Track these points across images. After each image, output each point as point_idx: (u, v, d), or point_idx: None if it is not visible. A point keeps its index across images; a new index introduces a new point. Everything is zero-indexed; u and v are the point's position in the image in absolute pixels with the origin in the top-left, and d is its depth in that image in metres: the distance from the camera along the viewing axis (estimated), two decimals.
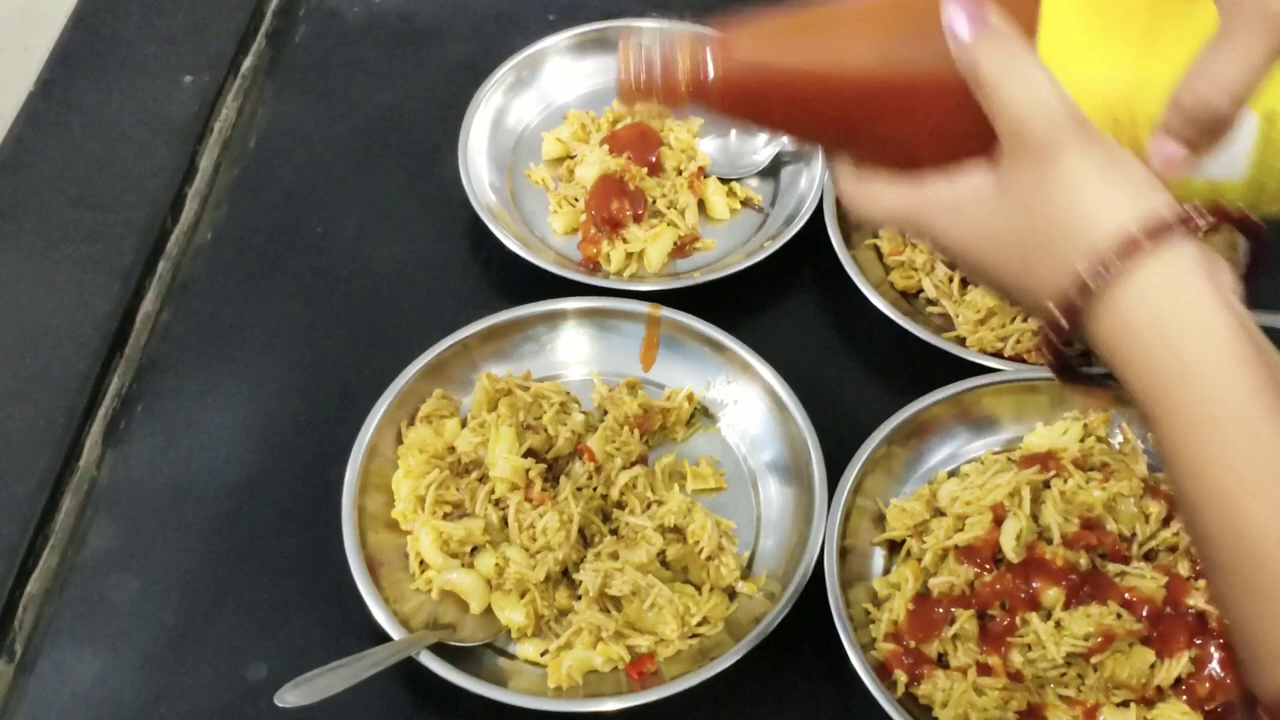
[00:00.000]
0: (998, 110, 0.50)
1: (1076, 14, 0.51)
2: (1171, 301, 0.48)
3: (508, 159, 1.03)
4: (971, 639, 0.76)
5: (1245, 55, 0.48)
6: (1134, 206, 0.48)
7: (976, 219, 0.52)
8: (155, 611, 0.81)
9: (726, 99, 0.55)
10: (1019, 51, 0.50)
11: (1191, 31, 0.49)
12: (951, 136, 0.52)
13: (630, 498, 0.82)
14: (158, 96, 1.04)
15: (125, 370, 0.91)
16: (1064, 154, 0.49)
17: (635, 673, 0.77)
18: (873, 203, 0.55)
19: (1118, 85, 0.50)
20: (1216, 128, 0.49)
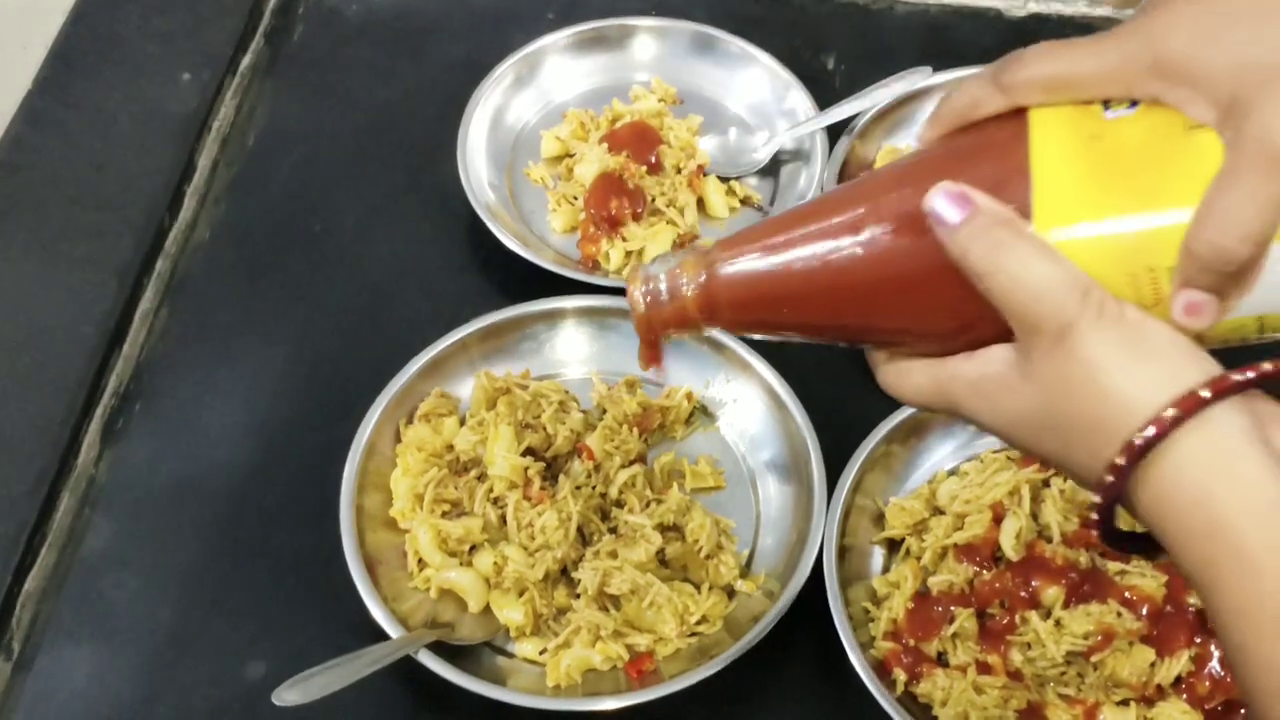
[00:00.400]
0: (995, 297, 0.48)
1: (1070, 173, 0.49)
2: (1208, 476, 0.45)
3: (507, 157, 1.03)
4: (971, 637, 0.76)
5: (1253, 195, 0.45)
6: (1162, 383, 0.46)
7: (1004, 401, 0.50)
8: (153, 610, 0.81)
9: (738, 311, 0.54)
10: (1008, 232, 0.48)
11: (1197, 169, 0.46)
12: (963, 323, 0.50)
13: (629, 496, 0.82)
14: (156, 95, 1.04)
15: (123, 368, 0.91)
16: (1078, 338, 0.47)
17: (634, 671, 0.77)
18: (903, 384, 0.54)
19: (1127, 240, 0.47)
20: (1237, 271, 0.46)
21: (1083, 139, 0.49)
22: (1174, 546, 0.47)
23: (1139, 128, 0.49)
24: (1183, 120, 0.48)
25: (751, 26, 1.08)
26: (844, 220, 0.52)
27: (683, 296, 0.54)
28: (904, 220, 0.50)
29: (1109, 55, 0.49)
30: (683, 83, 1.06)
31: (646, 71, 1.07)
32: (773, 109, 1.05)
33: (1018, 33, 1.12)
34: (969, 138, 0.52)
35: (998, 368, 0.50)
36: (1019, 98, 0.51)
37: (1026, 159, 0.49)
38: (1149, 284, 0.48)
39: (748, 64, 1.06)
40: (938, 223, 0.49)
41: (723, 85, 1.07)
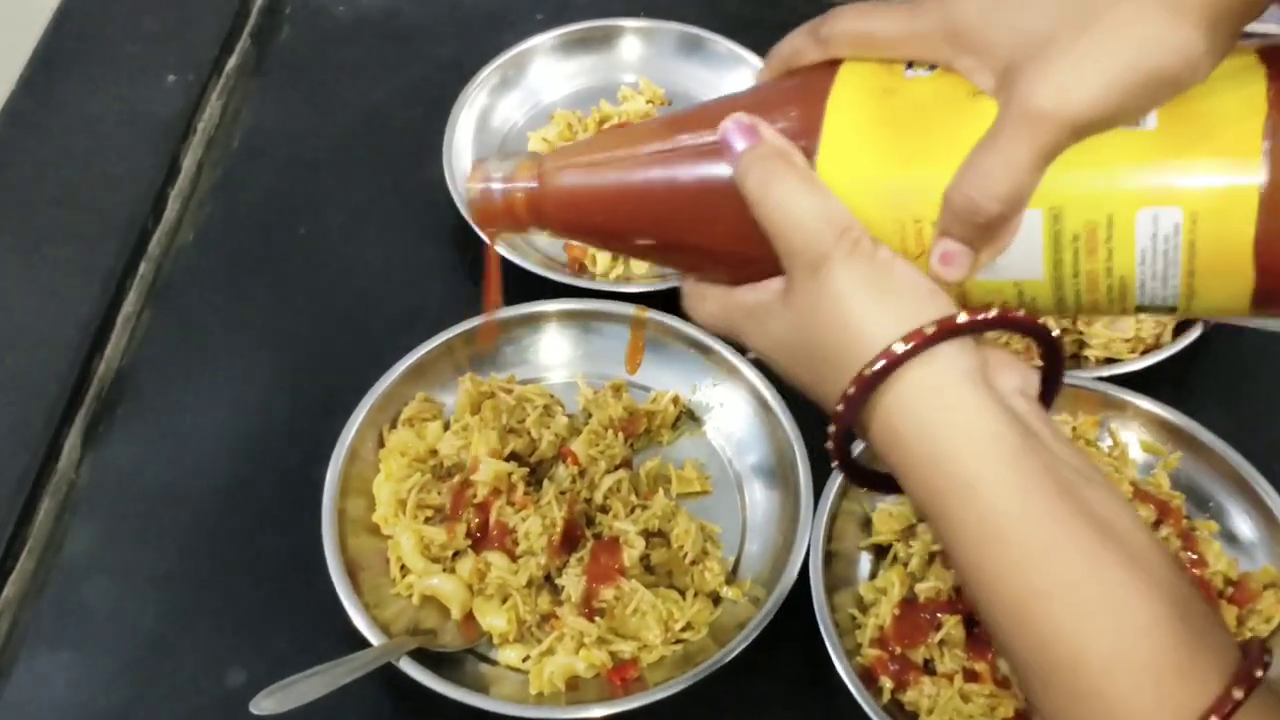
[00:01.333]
0: (764, 224, 0.51)
1: (858, 124, 0.51)
2: (931, 408, 0.48)
3: None
4: (958, 644, 0.76)
5: (1010, 156, 0.47)
6: (897, 320, 0.48)
7: (771, 327, 0.53)
8: (134, 616, 0.80)
9: (560, 216, 0.57)
10: (782, 164, 0.51)
11: (970, 132, 0.48)
12: (749, 253, 0.53)
13: (614, 502, 0.81)
14: (141, 96, 1.03)
15: (105, 372, 0.90)
16: (829, 269, 0.49)
17: (618, 679, 0.76)
18: (698, 307, 0.57)
19: (898, 193, 0.50)
20: (991, 226, 0.48)
21: (877, 93, 0.52)
22: (903, 477, 0.50)
23: (929, 89, 0.51)
24: (968, 87, 0.50)
25: (740, 27, 1.08)
26: (660, 145, 0.55)
27: (514, 196, 0.57)
28: (708, 149, 0.53)
29: (912, 20, 0.52)
30: (670, 84, 1.06)
31: (634, 73, 1.07)
32: None
33: None
34: (784, 82, 0.55)
35: (768, 296, 0.53)
36: (832, 50, 0.53)
37: (824, 104, 0.52)
38: (914, 235, 0.50)
39: (736, 65, 1.05)
40: (725, 149, 0.52)
41: (711, 86, 1.06)
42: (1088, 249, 0.48)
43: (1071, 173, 0.47)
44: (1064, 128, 0.46)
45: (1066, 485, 0.47)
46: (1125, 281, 0.49)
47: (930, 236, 0.50)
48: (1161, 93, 0.46)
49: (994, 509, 0.47)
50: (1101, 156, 0.47)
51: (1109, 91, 0.46)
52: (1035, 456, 0.47)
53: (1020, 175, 0.47)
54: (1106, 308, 0.51)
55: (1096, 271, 0.49)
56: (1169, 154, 0.47)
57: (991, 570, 0.47)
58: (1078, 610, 0.45)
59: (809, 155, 0.51)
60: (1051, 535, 0.46)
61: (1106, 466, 0.82)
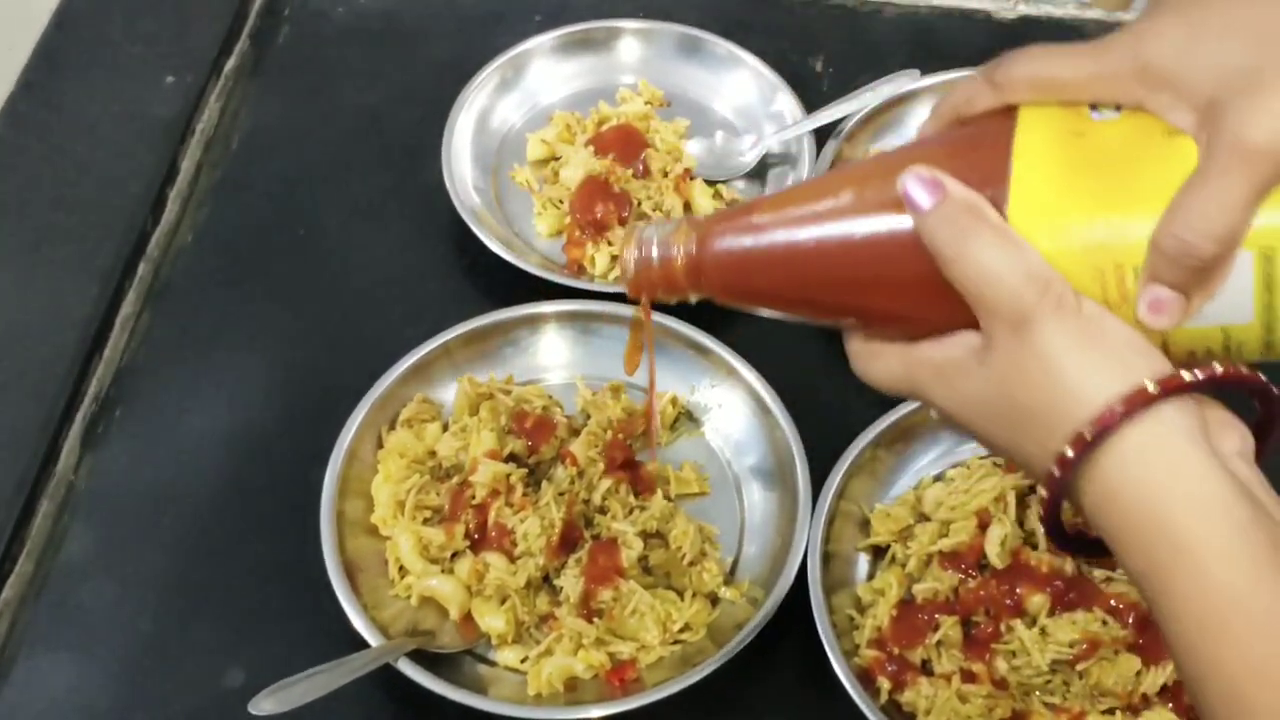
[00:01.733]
0: (960, 283, 0.49)
1: (1049, 170, 0.50)
2: (1154, 472, 0.46)
3: (492, 160, 1.02)
4: (956, 645, 0.76)
5: (1224, 194, 0.46)
6: (1113, 377, 0.47)
7: (963, 385, 0.51)
8: (132, 618, 0.81)
9: (723, 282, 0.56)
10: (976, 219, 0.49)
11: (1171, 172, 0.47)
12: (936, 308, 0.51)
13: (612, 503, 0.81)
14: (140, 97, 1.03)
15: (104, 373, 0.90)
16: (1035, 327, 0.47)
17: (616, 679, 0.76)
18: (872, 366, 0.55)
19: (1096, 239, 0.48)
20: (1203, 270, 0.47)
21: (1065, 136, 0.50)
22: (1118, 545, 0.47)
23: (1120, 130, 0.50)
24: (1163, 126, 0.49)
25: (739, 29, 1.07)
26: (830, 203, 0.53)
27: (672, 262, 0.56)
28: (886, 205, 0.52)
29: (1098, 59, 0.50)
30: (669, 85, 1.06)
31: (633, 74, 1.07)
32: (760, 112, 1.04)
33: (1007, 35, 1.12)
34: (960, 130, 0.54)
35: (960, 353, 0.51)
36: (1010, 95, 0.52)
37: (1009, 151, 0.50)
38: (1115, 282, 0.48)
39: (735, 66, 1.05)
40: (910, 205, 0.50)
41: (710, 88, 1.06)
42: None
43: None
44: (1278, 162, 0.45)
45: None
46: None
47: (1132, 284, 0.48)
48: None
49: (1222, 583, 0.44)
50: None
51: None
52: (1263, 530, 0.45)
53: (1235, 213, 0.46)
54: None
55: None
56: None
57: (1213, 650, 0.44)
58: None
59: (997, 206, 0.49)
60: (1276, 614, 0.44)
61: None
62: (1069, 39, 1.11)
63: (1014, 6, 1.13)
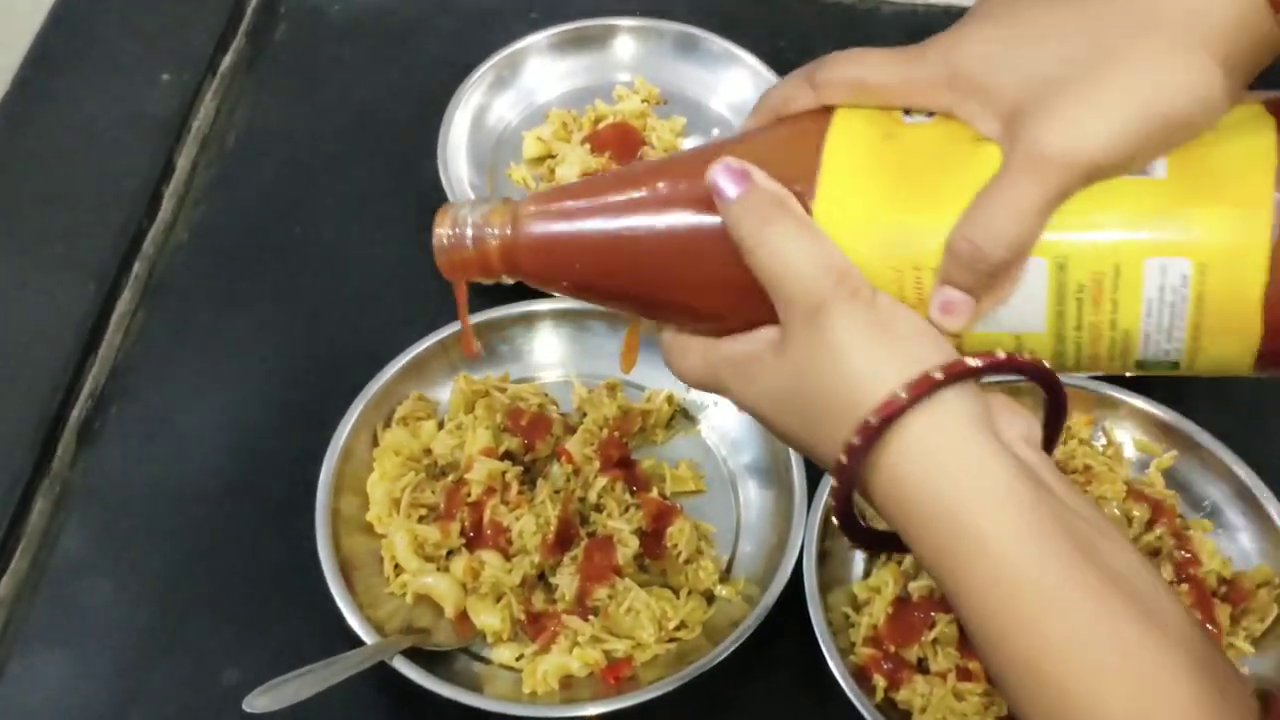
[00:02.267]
0: (760, 273, 0.49)
1: (855, 171, 0.50)
2: (937, 458, 0.46)
3: (488, 158, 1.02)
4: (951, 643, 0.76)
5: (1016, 201, 0.46)
6: (902, 366, 0.47)
7: (761, 378, 0.51)
8: (128, 615, 0.80)
9: (536, 267, 0.55)
10: (776, 210, 0.49)
11: (974, 178, 0.47)
12: (738, 302, 0.51)
13: (608, 500, 0.81)
14: (135, 95, 1.03)
15: (100, 371, 0.90)
16: (827, 316, 0.48)
17: (612, 677, 0.76)
18: (680, 359, 0.55)
19: (897, 240, 0.49)
20: (994, 274, 0.47)
21: (876, 138, 0.51)
22: (908, 533, 0.48)
23: (930, 135, 0.50)
24: (971, 133, 0.49)
25: (736, 26, 1.07)
26: (642, 193, 0.53)
27: (487, 244, 0.54)
28: (695, 198, 0.51)
29: (911, 65, 0.51)
30: (666, 83, 1.06)
31: (629, 72, 1.07)
32: None
33: None
34: (775, 127, 0.54)
35: (758, 347, 0.51)
36: (826, 96, 0.52)
37: (820, 149, 0.51)
38: (913, 282, 0.49)
39: (732, 64, 1.05)
40: (716, 194, 0.50)
41: (706, 86, 1.06)
42: (1092, 300, 0.47)
43: (1078, 221, 0.46)
44: (1073, 171, 0.45)
45: (1079, 539, 0.45)
46: (1129, 335, 0.48)
47: (930, 285, 0.49)
48: (1175, 136, 0.46)
49: (1006, 564, 0.45)
50: (1109, 205, 0.46)
51: (1122, 134, 0.45)
52: (1047, 509, 0.45)
53: (1027, 220, 0.46)
54: (1106, 363, 0.49)
55: (1100, 324, 0.48)
56: (1179, 203, 0.46)
57: (1001, 629, 0.45)
58: (1093, 669, 0.44)
59: (804, 202, 0.50)
60: (1066, 592, 0.44)
61: (1100, 466, 0.82)
62: None
63: None
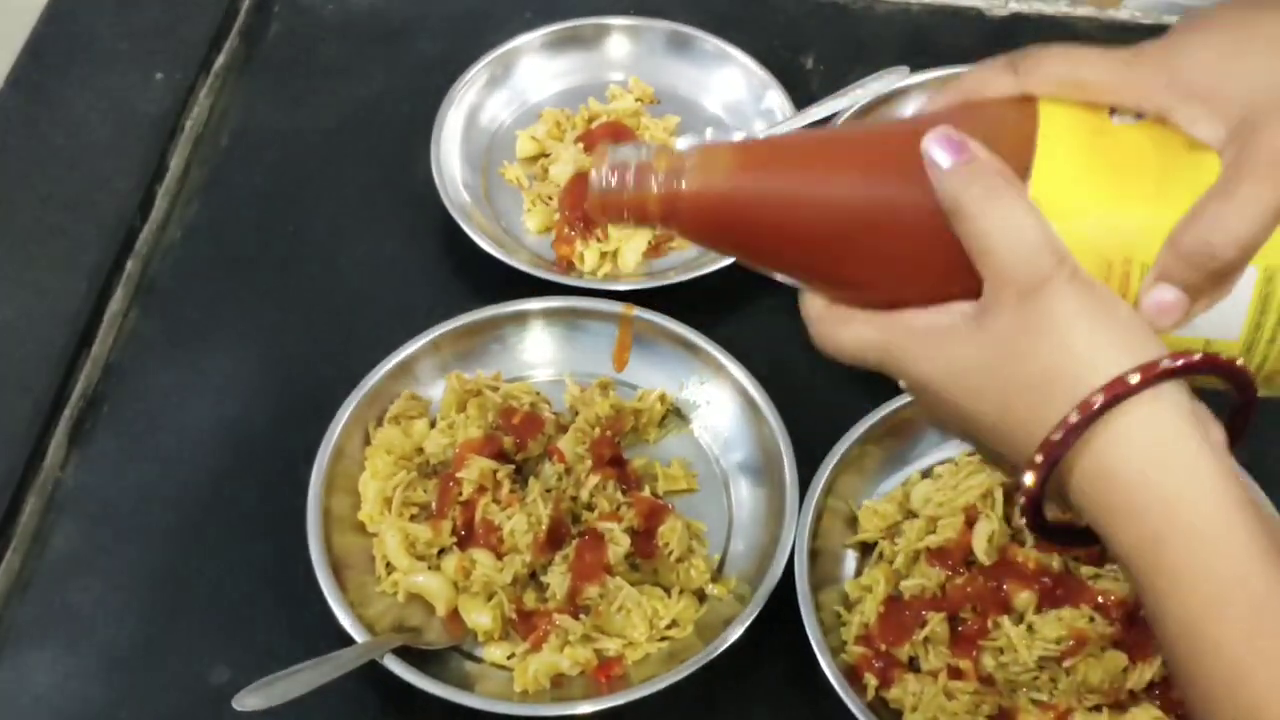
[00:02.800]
0: (978, 243, 0.48)
1: (1072, 156, 0.50)
2: (1155, 448, 0.45)
3: (482, 158, 1.02)
4: (943, 642, 0.76)
5: (1253, 202, 0.46)
6: (1124, 351, 0.46)
7: (952, 353, 0.49)
8: (118, 614, 0.80)
9: (700, 220, 0.52)
10: (1002, 184, 0.48)
11: (1193, 179, 0.47)
12: (932, 275, 0.50)
13: (600, 499, 0.81)
14: (129, 94, 1.03)
15: (92, 370, 0.90)
16: (1049, 294, 0.47)
17: (603, 676, 0.76)
18: (844, 333, 0.52)
19: (1112, 230, 0.48)
20: (1218, 275, 0.47)
21: (1089, 130, 0.50)
22: (1109, 521, 0.46)
23: (1143, 135, 0.50)
24: (1184, 138, 0.49)
25: (729, 25, 1.07)
26: (832, 157, 0.51)
27: (648, 191, 0.52)
28: (895, 162, 0.50)
29: (1130, 66, 0.51)
30: (659, 82, 1.06)
31: (623, 71, 1.06)
32: (750, 109, 1.04)
33: (998, 33, 1.12)
34: (980, 108, 0.52)
35: (950, 319, 0.50)
36: (1033, 86, 0.52)
37: (1033, 132, 0.50)
38: (1121, 275, 0.48)
39: (725, 63, 1.05)
40: (931, 164, 0.49)
41: (700, 85, 1.06)
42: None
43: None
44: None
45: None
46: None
47: (1136, 281, 0.48)
48: None
49: (1224, 561, 0.44)
50: None
51: None
52: (1255, 511, 0.45)
53: (1260, 222, 0.46)
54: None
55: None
56: None
57: (1214, 629, 0.44)
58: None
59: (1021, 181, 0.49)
60: (1269, 596, 0.43)
61: None
62: (1059, 36, 1.12)
63: (1005, 4, 1.13)
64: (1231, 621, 0.44)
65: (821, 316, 0.53)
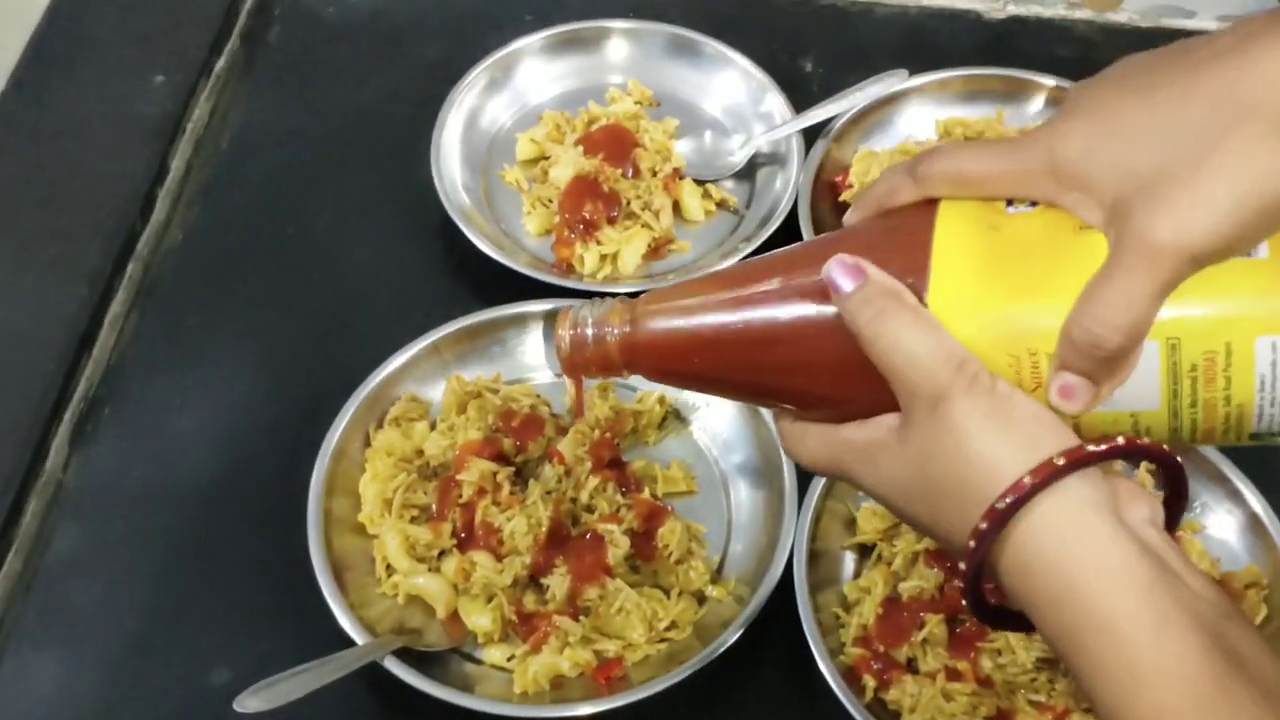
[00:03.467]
0: (881, 363, 0.51)
1: (965, 261, 0.52)
2: (1062, 542, 0.47)
3: (482, 160, 1.02)
4: (941, 644, 0.76)
5: (1130, 290, 0.47)
6: (1025, 449, 0.48)
7: (885, 467, 0.53)
8: (119, 615, 0.81)
9: (655, 364, 0.57)
10: (893, 302, 0.51)
11: (1082, 266, 0.49)
12: (859, 390, 0.53)
13: (599, 501, 0.81)
14: (130, 96, 1.03)
15: (93, 372, 0.90)
16: (949, 404, 0.49)
17: (602, 678, 0.77)
18: (799, 447, 0.56)
19: (1012, 326, 0.50)
20: (1111, 360, 0.49)
21: (982, 229, 0.52)
22: (1034, 612, 0.49)
23: (1034, 224, 0.51)
24: (1075, 222, 0.51)
25: (728, 29, 1.08)
26: (756, 288, 0.55)
27: (606, 343, 0.57)
28: (809, 291, 0.53)
29: (1012, 157, 0.52)
30: (659, 85, 1.06)
31: (622, 74, 1.07)
32: (749, 112, 1.04)
33: (996, 35, 1.12)
34: (882, 221, 0.56)
35: (881, 434, 0.53)
36: (930, 189, 0.54)
37: (929, 241, 0.52)
38: (1029, 368, 0.50)
39: (724, 66, 1.06)
40: (833, 289, 0.52)
41: (699, 88, 1.06)
42: (1206, 378, 0.49)
43: (1188, 304, 0.48)
44: (1183, 259, 0.47)
45: (1204, 622, 0.46)
46: (1244, 409, 0.49)
47: (1046, 369, 0.50)
48: (1278, 220, 0.47)
49: (1131, 643, 0.46)
50: (1217, 287, 0.48)
51: (1227, 222, 0.46)
52: (1169, 590, 0.46)
53: (1141, 308, 0.47)
54: (1221, 436, 0.51)
55: (1214, 400, 0.49)
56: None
57: (1131, 706, 0.46)
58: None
59: (918, 294, 0.51)
60: (1189, 676, 0.45)
61: None
62: (1058, 39, 1.13)
63: (1003, 7, 1.13)
64: (1145, 701, 0.45)
65: (786, 433, 0.57)
